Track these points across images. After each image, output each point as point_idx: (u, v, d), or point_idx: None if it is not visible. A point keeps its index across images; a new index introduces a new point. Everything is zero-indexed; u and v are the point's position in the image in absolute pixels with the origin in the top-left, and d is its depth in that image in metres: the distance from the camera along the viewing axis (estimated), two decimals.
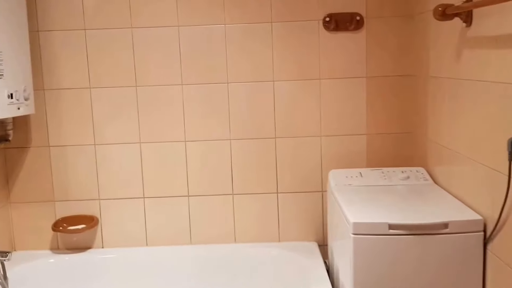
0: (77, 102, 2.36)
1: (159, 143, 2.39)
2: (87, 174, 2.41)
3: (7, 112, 2.01)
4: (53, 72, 2.34)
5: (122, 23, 2.31)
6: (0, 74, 1.94)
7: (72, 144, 2.39)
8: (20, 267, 2.27)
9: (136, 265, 2.39)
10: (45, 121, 2.37)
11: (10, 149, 2.39)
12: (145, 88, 2.36)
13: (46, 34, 2.32)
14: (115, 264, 2.39)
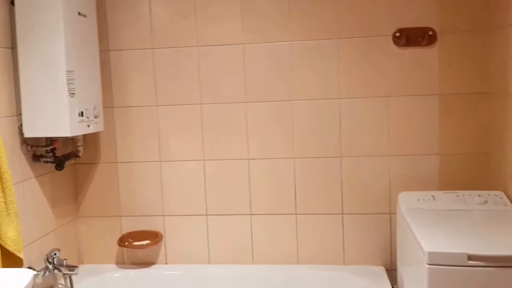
0: (144, 119, 2.40)
1: (222, 160, 2.38)
2: (152, 190, 2.43)
3: (78, 129, 2.06)
4: (122, 90, 2.39)
5: (189, 42, 2.33)
6: (72, 93, 1.99)
7: (139, 161, 2.42)
8: (87, 280, 2.32)
9: (198, 282, 2.37)
10: (114, 137, 2.42)
11: (80, 164, 2.46)
12: (210, 106, 2.36)
13: (116, 53, 2.37)
14: (178, 281, 2.38)
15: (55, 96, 1.96)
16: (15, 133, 2.00)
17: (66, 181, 2.38)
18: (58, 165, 2.17)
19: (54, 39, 1.93)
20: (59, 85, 1.96)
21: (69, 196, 2.41)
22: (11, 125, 1.98)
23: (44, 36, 1.93)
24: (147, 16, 2.34)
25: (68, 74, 1.97)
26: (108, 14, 2.36)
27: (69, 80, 1.97)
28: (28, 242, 2.05)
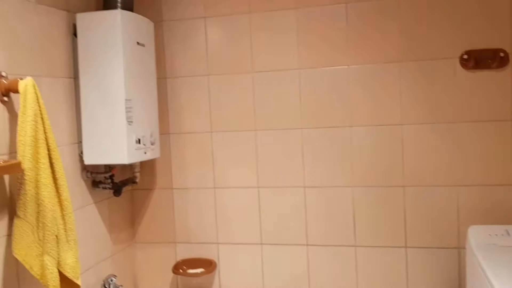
0: (199, 145, 2.39)
1: (277, 188, 2.32)
2: (207, 217, 2.41)
3: (135, 157, 2.07)
4: (178, 116, 2.40)
5: (244, 68, 2.31)
6: (130, 120, 2.01)
7: (194, 187, 2.41)
8: None
9: None
10: (170, 164, 2.42)
11: (137, 190, 2.47)
12: (264, 132, 2.32)
13: (172, 81, 2.39)
14: None
15: (114, 124, 1.99)
16: (76, 160, 2.03)
17: (123, 207, 2.40)
18: (116, 191, 2.19)
19: (114, 69, 1.96)
20: (117, 113, 1.98)
21: (126, 222, 2.43)
22: (72, 152, 2.01)
23: (104, 66, 1.97)
24: (203, 44, 2.35)
25: (127, 102, 1.99)
26: (165, 42, 2.38)
27: (128, 108, 1.99)
28: (85, 268, 2.06)
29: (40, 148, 1.65)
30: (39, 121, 1.64)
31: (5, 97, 1.64)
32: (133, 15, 2.06)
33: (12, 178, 1.67)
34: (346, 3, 2.20)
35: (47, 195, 1.66)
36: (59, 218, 1.74)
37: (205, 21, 2.34)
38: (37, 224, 1.66)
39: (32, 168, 1.62)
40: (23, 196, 1.61)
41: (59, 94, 1.94)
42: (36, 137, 1.63)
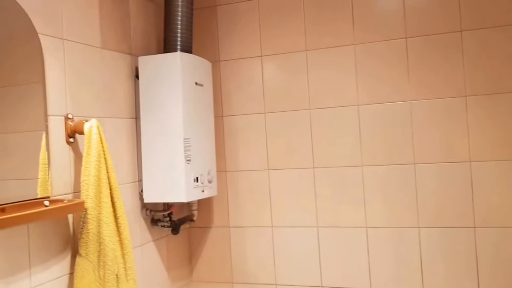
0: (256, 183, 2.38)
1: (337, 228, 2.26)
2: (264, 256, 2.37)
3: (193, 195, 2.09)
4: (235, 154, 2.41)
5: (301, 105, 2.31)
6: (188, 159, 2.04)
7: (251, 226, 2.39)
8: None
9: None
10: (226, 202, 2.42)
11: (195, 228, 2.48)
12: (323, 170, 2.28)
13: (229, 119, 2.42)
14: None
15: (173, 162, 2.02)
16: (136, 198, 2.07)
17: (181, 245, 2.41)
18: (174, 229, 2.21)
19: (173, 109, 2.01)
20: (176, 152, 2.01)
21: (183, 260, 2.43)
22: (133, 191, 2.06)
23: (164, 106, 2.02)
24: (260, 82, 2.37)
25: (185, 141, 2.02)
26: (222, 81, 2.43)
27: (186, 147, 2.02)
28: None
29: (103, 187, 1.70)
30: (102, 161, 1.70)
31: (71, 138, 1.71)
32: (192, 57, 2.11)
33: (75, 217, 1.72)
34: (405, 38, 2.16)
35: (108, 233, 1.70)
36: (120, 257, 1.76)
37: (261, 59, 2.37)
38: (98, 262, 1.69)
39: (95, 207, 1.66)
40: (85, 235, 1.65)
41: (122, 134, 2.00)
42: (99, 176, 1.68)
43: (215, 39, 2.44)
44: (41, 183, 1.56)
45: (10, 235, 1.46)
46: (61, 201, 1.58)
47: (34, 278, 1.54)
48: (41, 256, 1.57)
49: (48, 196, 1.57)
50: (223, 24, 2.43)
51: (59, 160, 1.65)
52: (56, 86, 1.66)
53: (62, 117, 1.67)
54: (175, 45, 2.11)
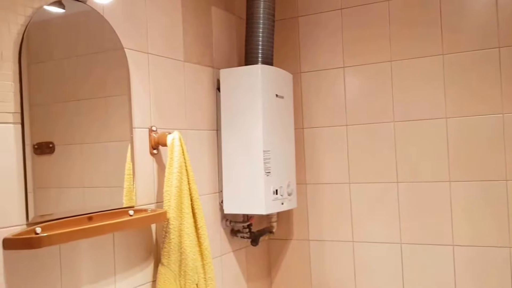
0: (336, 196, 2.33)
1: (422, 245, 2.15)
2: (344, 272, 2.31)
3: (272, 207, 2.08)
4: (315, 167, 2.37)
5: (384, 117, 2.23)
6: (268, 171, 2.03)
7: (331, 240, 2.34)
8: None
9: None
10: (306, 214, 2.39)
11: (274, 240, 2.47)
12: (407, 185, 2.18)
13: (310, 131, 2.38)
14: None
15: (252, 174, 2.02)
16: (216, 209, 2.10)
17: (260, 257, 2.41)
18: (253, 241, 2.21)
19: (253, 121, 2.02)
20: (256, 164, 2.02)
21: (262, 272, 2.42)
22: (213, 201, 2.09)
23: (244, 118, 2.03)
24: (341, 93, 2.32)
25: (265, 153, 2.02)
26: (303, 93, 2.40)
27: (266, 159, 2.02)
28: None
29: (184, 198, 1.73)
30: (183, 173, 1.73)
31: (154, 150, 1.76)
32: (273, 69, 2.11)
33: (158, 226, 1.77)
34: (498, 48, 2.02)
35: (189, 244, 1.73)
36: (200, 267, 1.79)
37: (343, 71, 2.32)
38: (179, 272, 1.72)
39: (176, 217, 1.70)
40: (167, 245, 1.69)
41: (203, 145, 2.04)
42: (181, 187, 1.72)
43: (296, 51, 2.42)
44: (126, 192, 1.63)
45: (96, 242, 1.53)
46: (144, 211, 1.64)
47: (119, 285, 1.60)
48: (125, 264, 1.63)
49: (133, 206, 1.63)
50: (304, 35, 2.41)
51: (143, 171, 1.71)
52: (140, 98, 1.72)
53: (146, 129, 1.74)
54: (256, 57, 2.12)
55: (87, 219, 1.44)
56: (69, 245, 1.43)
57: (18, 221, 1.29)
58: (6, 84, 1.28)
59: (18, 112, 1.30)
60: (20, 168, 1.30)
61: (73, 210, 1.43)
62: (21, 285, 1.29)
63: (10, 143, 1.29)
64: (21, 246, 1.24)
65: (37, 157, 1.35)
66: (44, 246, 1.25)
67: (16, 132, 1.30)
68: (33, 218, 1.31)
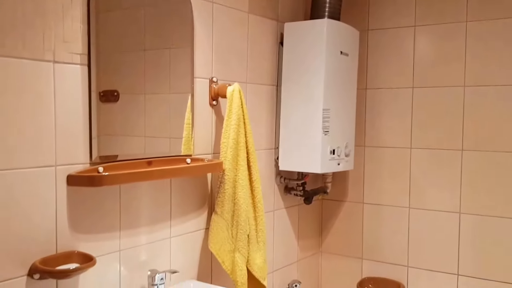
0: (395, 161, 2.27)
1: (483, 216, 2.07)
2: (398, 237, 2.27)
3: (328, 167, 2.06)
4: (376, 129, 2.31)
5: (454, 81, 2.12)
6: (326, 130, 2.00)
7: (386, 204, 2.30)
8: None
9: None
10: (362, 177, 2.35)
11: (327, 201, 2.46)
12: (472, 153, 2.09)
13: (373, 92, 2.31)
14: None
15: (310, 133, 2.00)
16: (271, 165, 2.11)
17: (312, 216, 2.41)
18: (306, 199, 2.21)
19: (315, 78, 1.97)
20: (314, 122, 1.99)
21: (313, 230, 2.43)
22: (269, 157, 2.09)
23: (306, 74, 2.00)
24: (410, 54, 2.22)
25: (324, 112, 1.98)
26: (369, 51, 2.32)
27: (325, 118, 1.99)
28: (272, 270, 2.12)
29: (240, 150, 1.74)
30: (241, 125, 1.74)
31: (214, 101, 1.77)
32: (339, 24, 2.04)
33: (213, 177, 1.80)
34: None
35: (242, 195, 1.75)
36: (252, 218, 1.81)
37: (414, 30, 2.21)
38: (232, 222, 1.76)
39: (232, 169, 1.72)
40: (221, 195, 1.72)
41: (262, 100, 2.03)
42: (238, 140, 1.73)
43: (365, 7, 2.32)
44: (184, 141, 1.66)
45: (155, 187, 1.57)
46: (201, 160, 1.66)
47: (174, 229, 1.66)
48: (181, 210, 1.68)
49: (190, 155, 1.66)
50: None
51: (202, 121, 1.73)
52: (203, 49, 1.72)
53: (207, 80, 1.74)
54: (322, 11, 2.06)
55: (147, 164, 1.49)
56: (128, 186, 1.48)
57: (82, 159, 1.34)
58: (75, 25, 1.31)
59: (85, 54, 1.34)
60: (86, 109, 1.35)
61: (134, 154, 1.48)
62: (82, 219, 1.36)
63: (77, 84, 1.33)
64: (84, 183, 1.30)
65: (102, 104, 1.39)
66: (105, 185, 1.31)
67: (83, 74, 1.34)
68: (96, 158, 1.37)
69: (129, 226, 1.49)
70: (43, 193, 1.26)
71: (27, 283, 1.23)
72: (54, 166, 1.28)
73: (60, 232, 1.30)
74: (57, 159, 1.28)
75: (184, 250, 1.70)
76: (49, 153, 1.27)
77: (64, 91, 1.30)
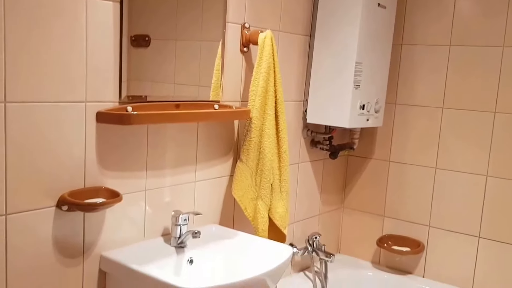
0: (426, 120, 2.22)
1: (510, 180, 2.03)
2: (421, 196, 2.26)
3: (356, 122, 2.04)
4: (408, 86, 2.26)
5: (494, 41, 2.04)
6: (357, 85, 1.97)
7: (412, 163, 2.27)
8: (342, 271, 2.31)
9: None
10: (390, 135, 2.32)
11: (353, 157, 2.45)
12: (506, 117, 2.03)
13: (409, 48, 2.25)
14: None
15: (340, 86, 1.97)
16: (299, 117, 2.10)
17: (337, 171, 2.41)
18: (332, 154, 2.20)
19: (350, 29, 1.92)
20: (346, 76, 1.95)
21: (337, 186, 2.44)
22: (297, 109, 2.08)
23: (340, 25, 1.95)
24: (450, 11, 2.13)
25: (357, 65, 1.94)
26: (408, 6, 2.23)
27: (357, 71, 1.95)
28: (294, 220, 2.15)
29: (269, 99, 1.74)
30: (271, 74, 1.72)
31: (245, 48, 1.75)
32: None
33: (240, 125, 1.81)
34: None
35: (268, 144, 1.76)
36: (276, 168, 1.83)
37: None
38: (256, 170, 1.77)
39: (259, 117, 1.72)
40: (247, 142, 1.73)
41: (293, 50, 2.00)
42: (267, 88, 1.72)
43: None
44: (213, 87, 1.65)
45: (181, 130, 1.59)
46: (229, 107, 1.67)
47: (199, 174, 1.68)
48: (206, 155, 1.70)
49: (218, 101, 1.66)
50: None
51: (231, 68, 1.72)
52: None
53: (239, 25, 1.72)
54: None
55: (175, 106, 1.50)
56: (156, 127, 1.50)
57: (111, 98, 1.36)
58: None
59: None
60: (117, 50, 1.36)
61: (163, 96, 1.49)
62: (110, 157, 1.39)
63: (109, 22, 1.33)
64: (112, 121, 1.32)
65: (133, 49, 1.39)
66: (133, 124, 1.33)
67: (114, 13, 1.33)
68: (124, 98, 1.38)
69: (155, 167, 1.52)
70: (72, 128, 1.29)
71: (55, 214, 1.28)
72: (84, 102, 1.30)
73: (89, 168, 1.34)
74: (87, 96, 1.30)
75: (207, 195, 1.73)
76: (80, 89, 1.29)
77: (96, 28, 1.30)
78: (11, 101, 1.16)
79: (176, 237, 1.54)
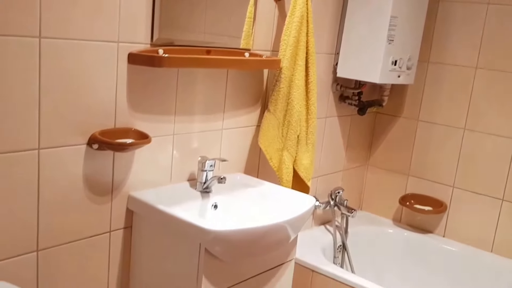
0: (458, 80, 2.17)
1: None
2: (448, 157, 2.24)
3: (387, 78, 2.00)
4: (443, 45, 2.20)
5: None
6: (391, 39, 1.92)
7: (441, 123, 2.24)
8: (362, 228, 2.34)
9: (474, 266, 2.14)
10: (421, 94, 2.28)
11: (381, 114, 2.42)
12: None
13: (447, 4, 2.17)
14: (453, 258, 2.19)
15: (374, 40, 1.93)
16: (329, 70, 2.07)
17: (364, 127, 2.39)
18: (360, 110, 2.18)
19: None
20: (380, 29, 1.91)
21: (363, 142, 2.43)
22: (328, 62, 2.05)
23: None
24: None
25: (392, 19, 1.89)
26: None
27: (391, 26, 1.90)
28: (317, 174, 2.16)
29: (300, 50, 1.71)
30: (304, 23, 1.69)
31: None
32: None
33: (270, 75, 1.79)
34: None
35: (297, 96, 1.75)
36: (303, 120, 1.82)
37: None
38: (283, 121, 1.77)
39: (289, 67, 1.70)
40: (276, 93, 1.73)
41: (328, 1, 1.95)
42: (298, 39, 1.69)
43: None
44: (244, 35, 1.64)
45: (211, 76, 1.59)
46: (259, 56, 1.65)
47: (226, 122, 1.69)
48: (235, 103, 1.70)
49: (249, 49, 1.65)
50: None
51: (264, 16, 1.70)
52: None
53: None
54: None
55: (206, 52, 1.49)
56: (186, 71, 1.50)
57: (143, 40, 1.36)
58: None
59: None
60: None
61: (194, 41, 1.48)
62: (140, 99, 1.41)
63: None
64: (144, 63, 1.33)
65: None
66: (164, 66, 1.33)
67: None
68: (156, 40, 1.38)
69: (183, 112, 1.54)
70: (104, 67, 1.30)
71: (86, 151, 1.31)
72: (117, 42, 1.31)
73: (119, 108, 1.36)
74: (120, 36, 1.31)
75: (234, 143, 1.75)
76: (112, 29, 1.29)
77: None
78: (46, 37, 1.17)
79: (202, 182, 1.57)
